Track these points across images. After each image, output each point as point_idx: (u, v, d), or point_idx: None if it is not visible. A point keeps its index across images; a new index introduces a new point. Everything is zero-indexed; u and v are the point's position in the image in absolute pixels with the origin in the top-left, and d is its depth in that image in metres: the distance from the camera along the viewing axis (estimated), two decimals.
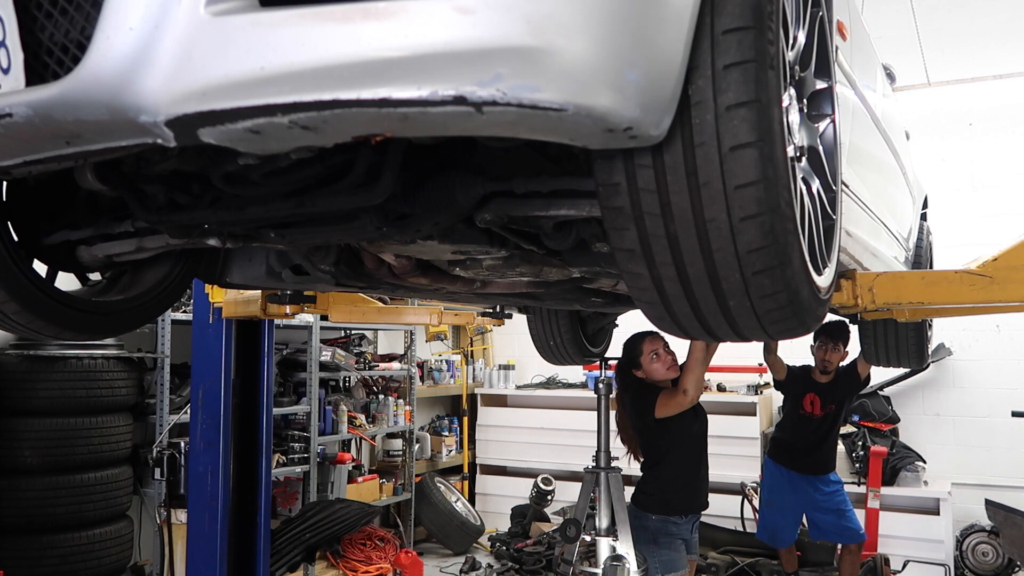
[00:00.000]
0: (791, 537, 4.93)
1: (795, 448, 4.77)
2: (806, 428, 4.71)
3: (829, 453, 4.81)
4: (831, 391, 4.70)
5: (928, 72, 6.55)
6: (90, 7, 1.00)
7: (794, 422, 4.81)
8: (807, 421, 4.72)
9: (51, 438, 4.13)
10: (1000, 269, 2.20)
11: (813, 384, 4.72)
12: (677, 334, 1.36)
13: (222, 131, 0.95)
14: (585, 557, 3.88)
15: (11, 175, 1.50)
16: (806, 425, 4.72)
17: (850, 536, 4.74)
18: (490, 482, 7.53)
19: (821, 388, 4.71)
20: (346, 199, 1.39)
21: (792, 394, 4.81)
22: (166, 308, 2.16)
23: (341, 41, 0.88)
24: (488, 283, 2.22)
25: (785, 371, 4.77)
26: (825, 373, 4.68)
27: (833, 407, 4.70)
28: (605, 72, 0.90)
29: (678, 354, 3.92)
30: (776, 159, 1.06)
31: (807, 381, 4.75)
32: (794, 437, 4.79)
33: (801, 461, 4.75)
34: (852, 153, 1.95)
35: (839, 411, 4.74)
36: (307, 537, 4.99)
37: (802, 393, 4.74)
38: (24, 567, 3.97)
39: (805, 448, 4.73)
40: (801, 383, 4.76)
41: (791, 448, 4.79)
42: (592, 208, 1.38)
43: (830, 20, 1.57)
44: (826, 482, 4.74)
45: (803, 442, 4.73)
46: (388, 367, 6.59)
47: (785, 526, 4.87)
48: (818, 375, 4.71)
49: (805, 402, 4.72)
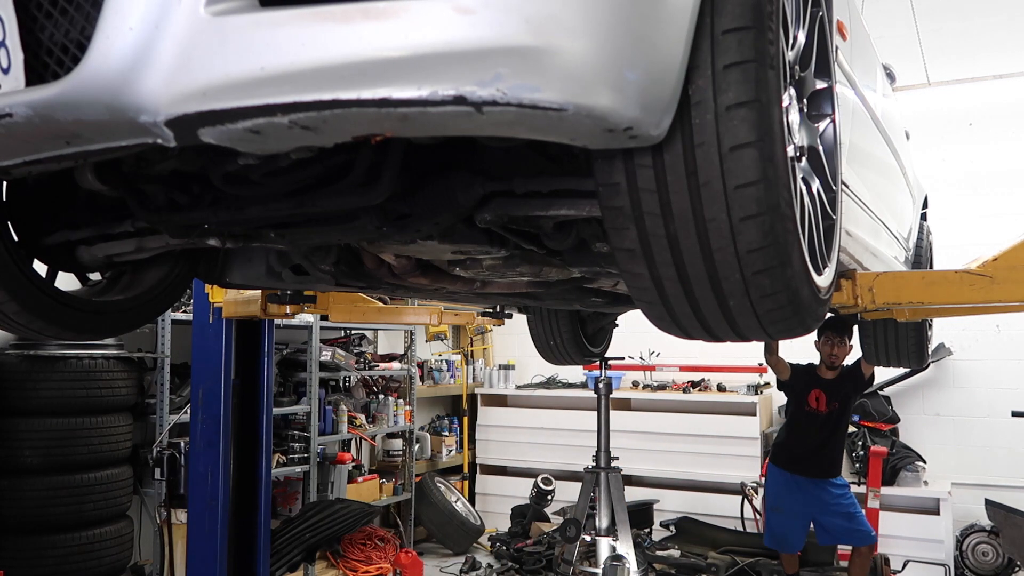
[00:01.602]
0: (800, 543, 4.87)
1: (800, 450, 4.73)
2: (811, 426, 4.69)
3: (835, 455, 4.77)
4: (836, 388, 4.68)
5: (928, 72, 6.55)
6: (90, 7, 1.00)
7: (799, 421, 4.77)
8: (812, 418, 4.70)
9: (51, 438, 4.13)
10: (1000, 269, 2.20)
11: (818, 380, 4.72)
12: (677, 334, 1.36)
13: (222, 131, 0.95)
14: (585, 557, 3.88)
15: (11, 175, 1.50)
16: (811, 423, 4.69)
17: (860, 538, 4.70)
18: (490, 482, 7.53)
19: (826, 384, 4.70)
20: (346, 199, 1.39)
21: (797, 392, 4.78)
22: (166, 308, 2.16)
23: (341, 41, 0.88)
24: (488, 283, 2.22)
25: (789, 370, 4.76)
26: (832, 368, 4.67)
27: (837, 404, 4.68)
28: (605, 72, 0.90)
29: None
30: (776, 159, 1.06)
31: (812, 377, 4.74)
32: (799, 438, 4.75)
33: (807, 463, 4.70)
34: (852, 153, 1.95)
35: (844, 409, 4.72)
36: (307, 537, 4.99)
37: (807, 390, 4.72)
38: (24, 567, 3.97)
39: (811, 448, 4.69)
40: (806, 380, 4.75)
41: (796, 450, 4.76)
42: (592, 208, 1.38)
43: (830, 20, 1.57)
44: (834, 485, 4.70)
45: (808, 442, 4.69)
46: (388, 367, 6.59)
47: (794, 532, 4.81)
48: (824, 371, 4.70)
49: (810, 398, 4.70)
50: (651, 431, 6.72)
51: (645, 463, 6.68)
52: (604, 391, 4.10)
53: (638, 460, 6.52)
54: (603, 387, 4.10)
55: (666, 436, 6.70)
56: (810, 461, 4.71)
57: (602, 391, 4.10)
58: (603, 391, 4.10)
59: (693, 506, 6.47)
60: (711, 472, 6.52)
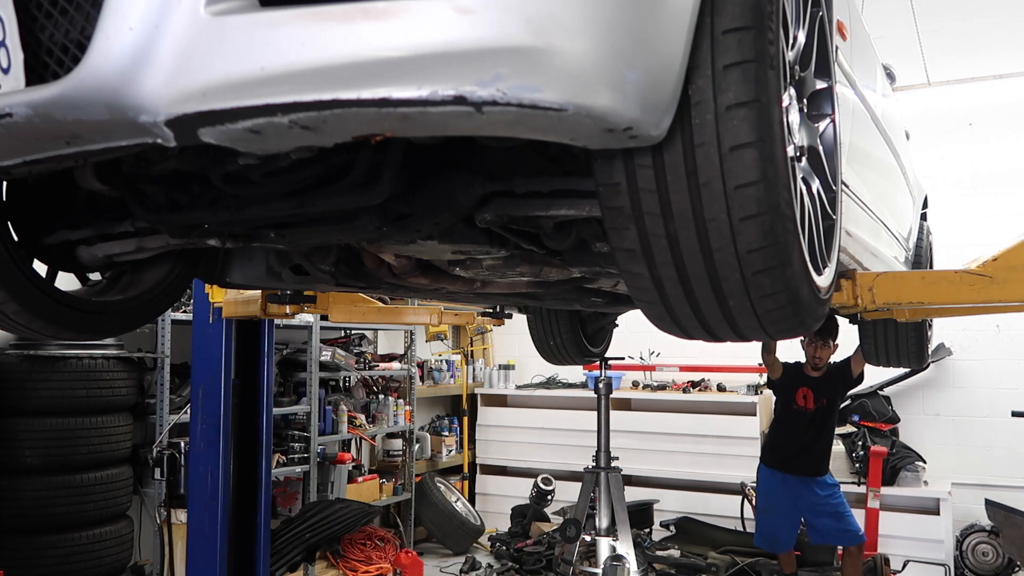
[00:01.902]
0: (790, 542, 4.93)
1: (788, 448, 4.79)
2: (799, 423, 4.75)
3: (823, 453, 4.82)
4: (823, 385, 4.75)
5: (928, 72, 6.55)
6: (90, 7, 1.00)
7: (786, 419, 4.85)
8: (799, 416, 4.77)
9: (51, 438, 4.13)
10: (1000, 269, 2.20)
11: (805, 379, 4.80)
12: (677, 334, 1.36)
13: (222, 131, 0.95)
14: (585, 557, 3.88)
15: (11, 175, 1.50)
16: (799, 420, 4.76)
17: (849, 538, 4.75)
18: (490, 482, 7.53)
19: (813, 382, 4.77)
20: (346, 199, 1.39)
21: (785, 390, 4.86)
22: (166, 308, 2.16)
23: (341, 41, 0.88)
24: (488, 283, 2.22)
25: (781, 370, 4.82)
26: (816, 369, 4.74)
27: (825, 401, 4.75)
28: (605, 72, 0.90)
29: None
30: (776, 159, 1.06)
31: (799, 376, 4.82)
32: (787, 436, 4.82)
33: (795, 462, 4.76)
34: (852, 153, 1.95)
35: (831, 407, 4.79)
36: (307, 537, 4.99)
37: (795, 388, 4.80)
38: (24, 567, 3.97)
39: (799, 446, 4.74)
40: (793, 378, 4.83)
41: (784, 448, 4.82)
42: (592, 208, 1.38)
43: (830, 20, 1.57)
44: (822, 485, 4.75)
45: (797, 440, 4.75)
46: (388, 367, 6.59)
47: (783, 531, 4.88)
48: (810, 370, 4.76)
49: (798, 396, 4.78)
50: (651, 431, 6.73)
51: (645, 463, 6.68)
52: (604, 391, 4.10)
53: (638, 460, 6.52)
54: (603, 387, 4.10)
55: (666, 436, 6.70)
56: (799, 459, 4.76)
57: (602, 391, 4.10)
58: (603, 391, 4.10)
59: (693, 506, 6.47)
60: (711, 472, 6.52)
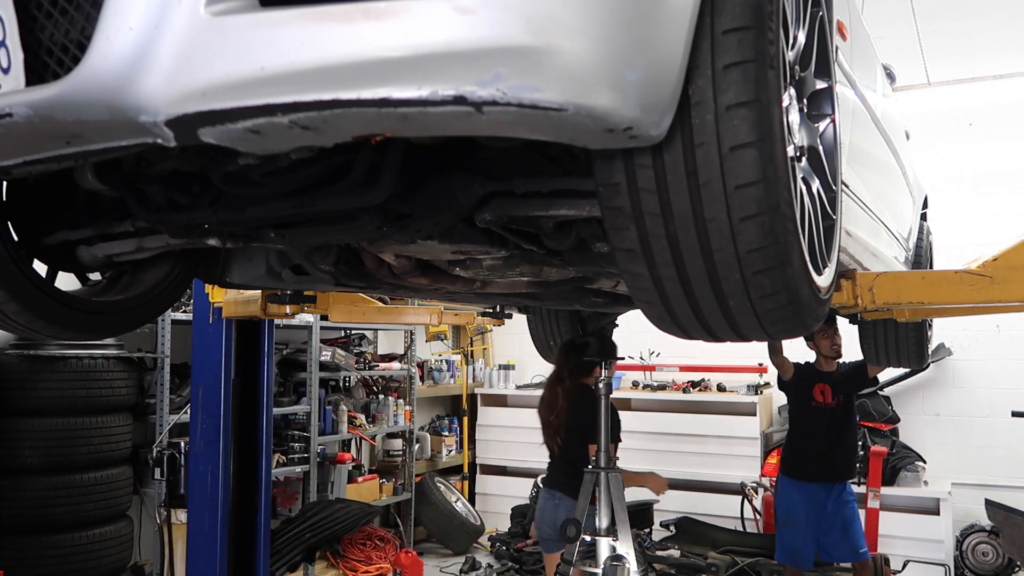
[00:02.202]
0: (811, 560, 4.74)
1: (812, 451, 4.64)
2: (820, 422, 4.63)
3: (848, 453, 4.69)
4: (839, 382, 4.67)
5: (928, 72, 6.55)
6: (90, 7, 1.00)
7: (806, 419, 4.70)
8: (820, 413, 4.64)
9: (51, 438, 4.13)
10: (1000, 269, 2.20)
11: (820, 375, 4.69)
12: (677, 334, 1.36)
13: (222, 131, 0.95)
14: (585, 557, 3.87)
15: (11, 175, 1.50)
16: (820, 418, 4.63)
17: (852, 554, 4.62)
18: (490, 482, 7.53)
19: (829, 378, 4.68)
20: (346, 199, 1.39)
21: (800, 389, 4.73)
22: (166, 308, 2.16)
23: (341, 41, 0.88)
24: (488, 283, 2.22)
25: (792, 370, 4.75)
26: (834, 359, 4.66)
27: (843, 397, 4.65)
28: (605, 72, 0.90)
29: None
30: (776, 159, 1.06)
31: (814, 373, 4.71)
32: (808, 438, 4.67)
33: (820, 465, 4.61)
34: (852, 153, 1.95)
35: (849, 404, 4.68)
36: (307, 537, 5.00)
37: (811, 385, 4.69)
38: (24, 567, 3.97)
39: (824, 446, 4.60)
40: (808, 376, 4.72)
41: (807, 452, 4.66)
42: (592, 208, 1.38)
43: (830, 20, 1.57)
44: (841, 491, 4.61)
45: (819, 440, 4.61)
46: (388, 367, 6.59)
47: (807, 547, 4.68)
48: (823, 364, 4.70)
49: (815, 392, 4.65)
50: (651, 431, 6.72)
51: (645, 463, 6.68)
52: (604, 391, 4.10)
53: (638, 460, 6.52)
54: (603, 387, 4.10)
55: (666, 436, 6.70)
56: (824, 461, 4.61)
57: (602, 391, 4.10)
58: (603, 391, 4.10)
59: (693, 506, 6.46)
60: (711, 472, 6.52)
